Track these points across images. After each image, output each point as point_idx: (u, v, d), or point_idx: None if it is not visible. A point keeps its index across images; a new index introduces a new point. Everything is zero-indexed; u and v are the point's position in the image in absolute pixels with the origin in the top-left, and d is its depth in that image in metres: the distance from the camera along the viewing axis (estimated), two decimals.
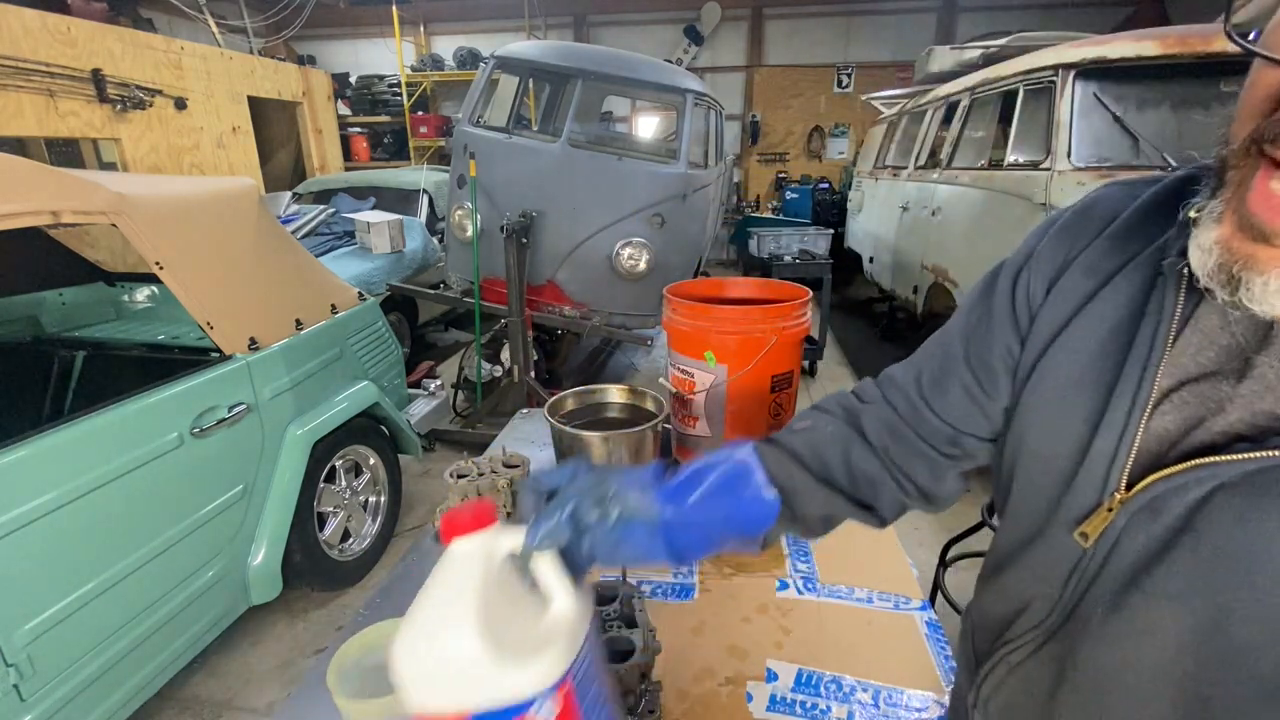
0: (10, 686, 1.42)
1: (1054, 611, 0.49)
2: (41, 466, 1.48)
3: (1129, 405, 0.44)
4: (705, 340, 1.31)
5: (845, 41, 9.99)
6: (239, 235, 2.16)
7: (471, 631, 0.46)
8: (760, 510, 0.58)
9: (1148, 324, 0.45)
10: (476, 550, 0.50)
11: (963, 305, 0.61)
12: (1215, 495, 0.39)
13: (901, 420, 0.61)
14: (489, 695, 0.45)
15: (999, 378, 0.56)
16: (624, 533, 0.54)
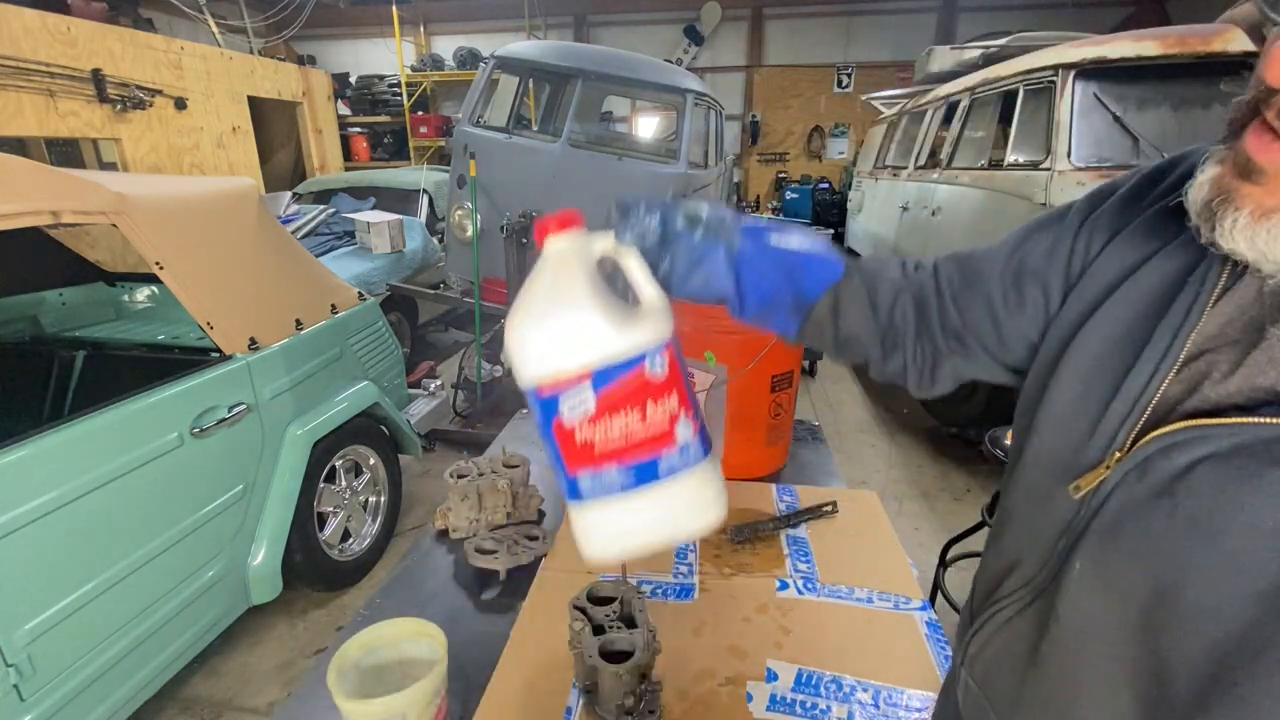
0: (10, 686, 1.42)
1: (1043, 569, 0.51)
2: (41, 466, 1.48)
3: (1152, 369, 0.45)
4: (705, 340, 1.31)
5: (845, 41, 10.00)
6: (239, 235, 2.16)
7: (585, 298, 0.51)
8: (825, 270, 0.61)
9: (1187, 293, 0.45)
10: (571, 245, 0.54)
11: (1029, 224, 0.61)
12: (1199, 465, 0.40)
13: (935, 293, 0.63)
14: (608, 352, 0.50)
15: (1029, 303, 0.57)
16: (705, 251, 0.57)
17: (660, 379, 0.52)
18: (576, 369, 0.50)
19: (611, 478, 0.52)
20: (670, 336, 0.54)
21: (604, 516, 0.53)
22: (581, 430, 0.52)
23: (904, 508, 3.26)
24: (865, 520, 1.27)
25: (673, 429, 0.52)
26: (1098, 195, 0.56)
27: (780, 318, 0.62)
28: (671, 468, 0.52)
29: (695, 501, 0.54)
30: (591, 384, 0.51)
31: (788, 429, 1.45)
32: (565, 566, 1.13)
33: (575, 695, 0.87)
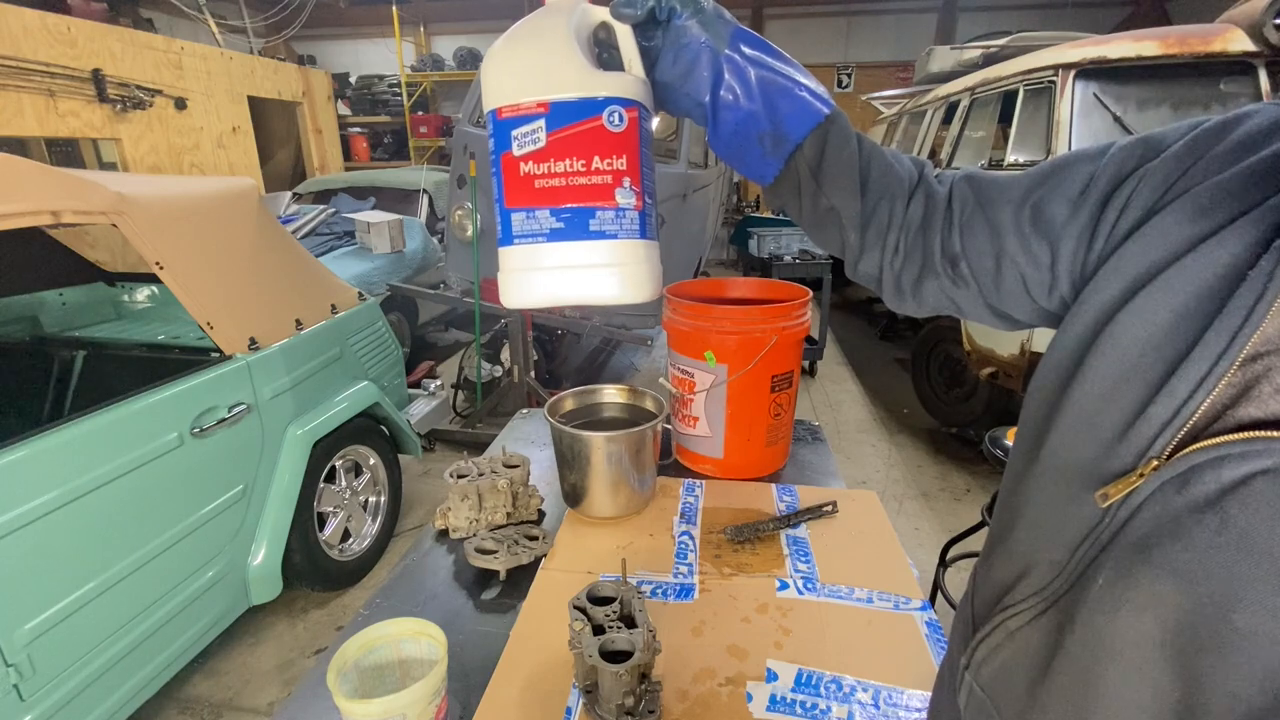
0: (10, 686, 1.42)
1: (1059, 576, 0.47)
2: (41, 466, 1.48)
3: (1202, 373, 0.41)
4: (705, 340, 1.31)
5: (845, 41, 10.00)
6: (239, 235, 2.16)
7: (564, 38, 0.52)
8: (809, 109, 0.56)
9: (1248, 288, 0.40)
10: (570, 3, 0.55)
11: (1062, 157, 0.55)
12: (1255, 479, 0.37)
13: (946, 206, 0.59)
14: (570, 89, 0.51)
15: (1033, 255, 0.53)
16: (690, 39, 0.55)
17: (615, 134, 0.52)
18: (535, 99, 0.51)
19: (542, 220, 0.52)
20: (639, 103, 0.54)
21: (527, 260, 0.53)
22: (526, 164, 0.52)
23: (904, 508, 3.26)
24: (865, 520, 1.27)
25: (614, 188, 0.52)
26: (1139, 147, 0.49)
27: (756, 155, 0.58)
28: (603, 228, 0.53)
29: (620, 270, 0.54)
30: (546, 118, 0.51)
31: (788, 429, 1.45)
32: (565, 566, 1.13)
33: (575, 695, 0.87)
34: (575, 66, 0.51)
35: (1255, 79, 2.68)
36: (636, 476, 1.23)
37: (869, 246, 0.61)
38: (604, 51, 0.57)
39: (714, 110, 0.56)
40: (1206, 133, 0.47)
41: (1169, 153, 0.47)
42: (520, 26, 0.55)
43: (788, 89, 0.56)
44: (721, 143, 0.58)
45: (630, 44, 0.56)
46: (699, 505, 1.31)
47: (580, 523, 1.26)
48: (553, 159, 0.52)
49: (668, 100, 0.59)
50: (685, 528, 1.23)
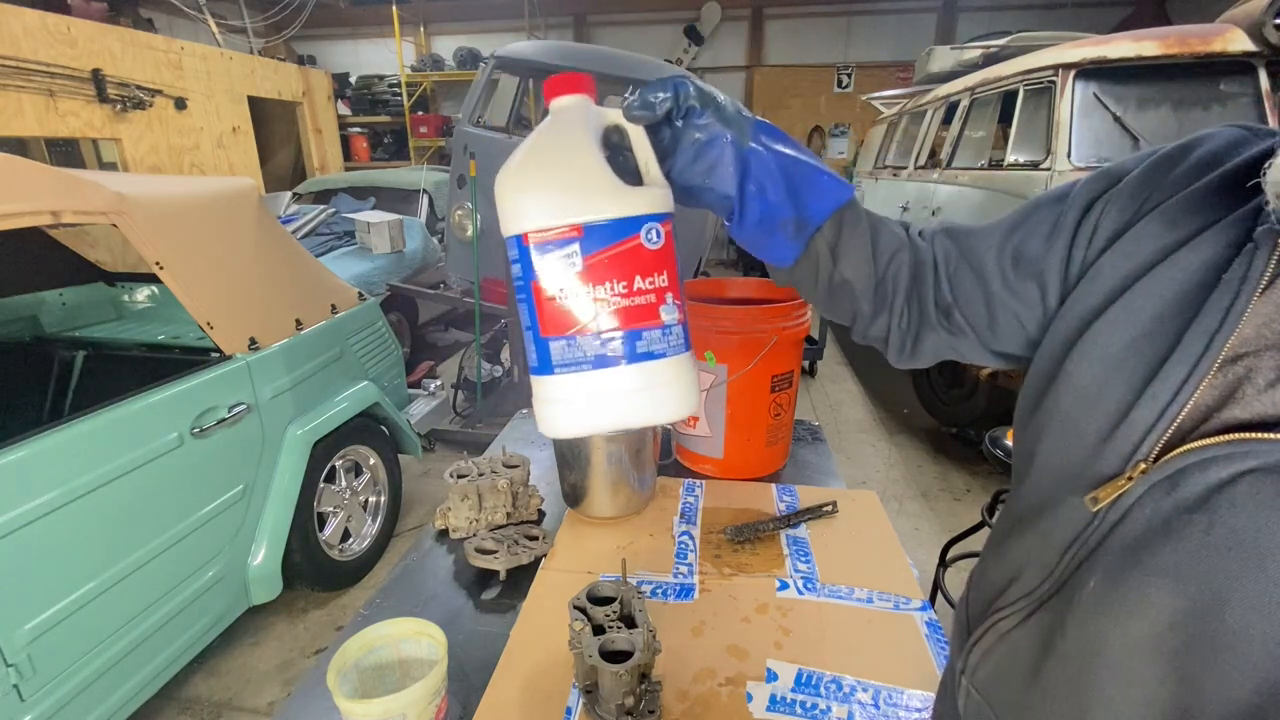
0: (10, 686, 1.42)
1: (1048, 579, 0.48)
2: (41, 466, 1.48)
3: (1183, 376, 0.42)
4: (705, 340, 1.31)
5: (845, 41, 10.00)
6: (239, 235, 2.16)
7: (590, 150, 0.49)
8: (834, 191, 0.57)
9: (1222, 292, 0.42)
10: (580, 108, 0.52)
11: (1029, 203, 0.58)
12: (1242, 479, 0.38)
13: (930, 263, 0.61)
14: (605, 210, 0.48)
15: (1023, 292, 0.55)
16: (713, 136, 0.54)
17: (654, 251, 0.50)
18: (569, 222, 0.48)
19: (586, 348, 0.49)
20: (670, 213, 0.52)
21: (573, 390, 0.50)
22: (563, 292, 0.49)
23: (904, 508, 3.26)
24: (865, 520, 1.27)
25: (659, 307, 0.50)
26: (1102, 179, 0.53)
27: (779, 241, 0.58)
28: (651, 348, 0.50)
29: (669, 390, 0.52)
30: (581, 241, 0.48)
31: (788, 429, 1.45)
32: (565, 566, 1.13)
33: (575, 695, 0.87)
34: (607, 184, 0.49)
35: (1255, 79, 2.68)
36: (636, 476, 1.23)
37: (878, 311, 0.62)
38: (616, 155, 0.54)
39: (741, 204, 0.56)
40: (1167, 156, 0.49)
41: (1132, 177, 0.50)
42: (537, 140, 0.52)
43: (810, 176, 0.57)
44: (746, 232, 0.58)
45: (646, 146, 0.54)
46: (699, 505, 1.31)
47: (580, 523, 1.26)
48: (593, 280, 0.48)
49: (688, 196, 0.57)
50: (685, 528, 1.23)
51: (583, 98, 0.53)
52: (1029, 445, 0.54)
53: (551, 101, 0.53)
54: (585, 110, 0.53)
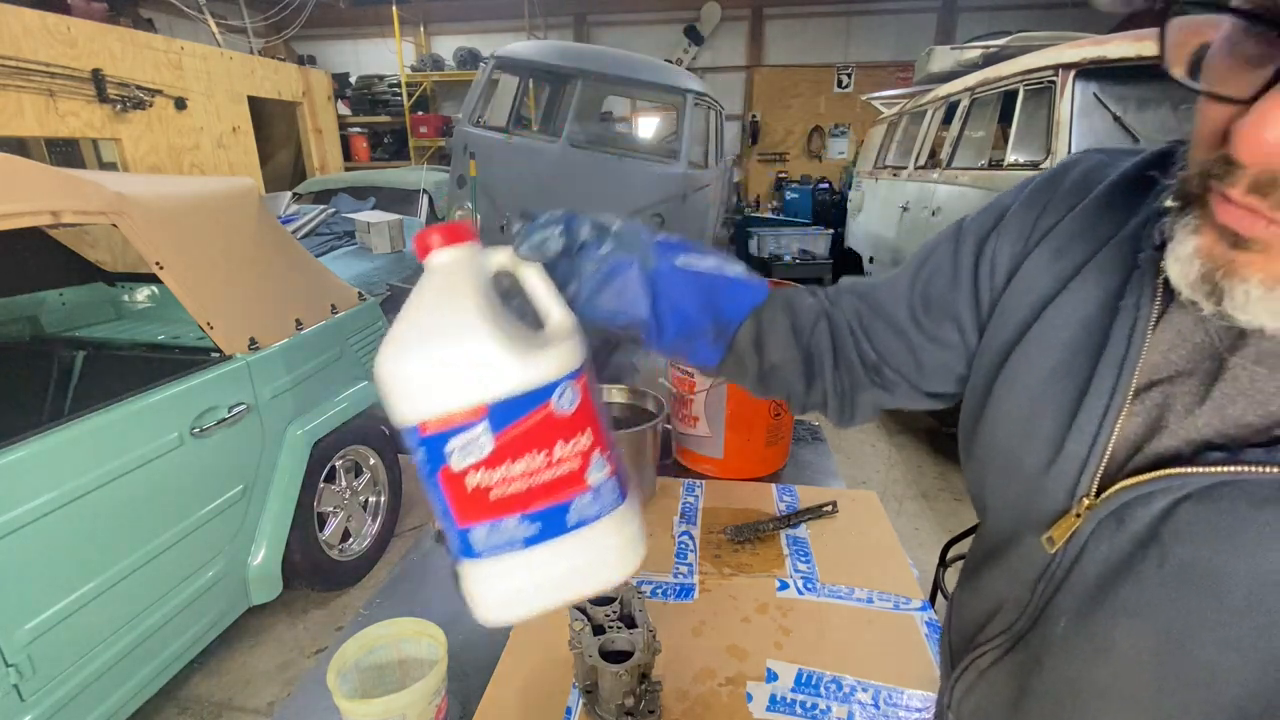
0: (10, 686, 1.42)
1: (1022, 615, 0.48)
2: (41, 466, 1.48)
3: (1103, 407, 0.43)
4: None
5: (845, 41, 10.00)
6: (239, 235, 2.16)
7: (477, 319, 0.43)
8: (748, 293, 0.57)
9: (1123, 319, 0.43)
10: (462, 260, 0.46)
11: (924, 248, 0.59)
12: (1180, 505, 0.38)
13: (846, 325, 0.61)
14: (509, 384, 0.42)
15: (943, 336, 0.55)
16: (615, 267, 0.51)
17: (570, 413, 0.45)
18: (470, 405, 0.42)
19: (512, 529, 0.44)
20: (582, 364, 0.47)
21: (503, 574, 0.45)
22: (475, 476, 0.43)
23: (904, 508, 3.26)
24: (865, 520, 1.27)
25: (584, 471, 0.45)
26: (989, 216, 0.54)
27: (701, 347, 0.57)
28: (583, 515, 0.45)
29: (610, 552, 0.47)
30: (488, 422, 0.43)
31: (788, 429, 1.45)
32: None
33: (575, 695, 0.87)
34: (506, 354, 0.42)
35: None
36: (636, 476, 1.23)
37: (811, 384, 0.62)
38: (511, 299, 0.49)
39: (658, 323, 0.54)
40: (1040, 185, 0.51)
41: (1014, 209, 0.51)
42: (417, 309, 0.45)
43: (723, 283, 0.56)
44: (665, 348, 0.56)
45: (544, 287, 0.49)
46: (699, 505, 1.31)
47: None
48: (507, 461, 0.43)
49: (597, 325, 0.54)
50: (685, 527, 1.23)
51: (464, 248, 0.47)
52: (978, 480, 0.54)
53: (427, 258, 0.46)
54: (469, 263, 0.46)
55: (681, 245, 0.56)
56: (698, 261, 0.55)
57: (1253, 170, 0.30)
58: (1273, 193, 0.30)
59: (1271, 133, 0.28)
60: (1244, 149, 0.29)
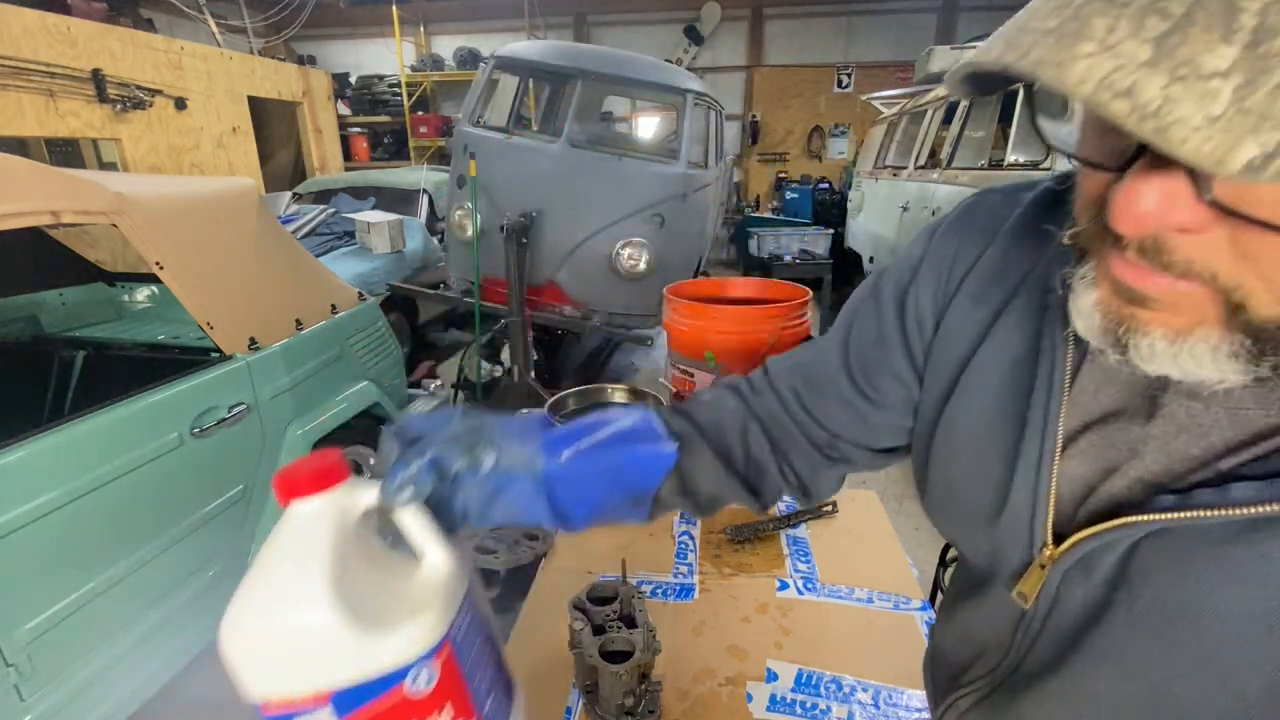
0: (10, 686, 1.42)
1: (1003, 662, 0.48)
2: (41, 466, 1.48)
3: (1037, 455, 0.43)
4: (705, 340, 1.32)
5: (845, 41, 10.00)
6: (239, 235, 2.16)
7: (322, 597, 0.38)
8: (656, 462, 0.53)
9: (1044, 363, 0.43)
10: (323, 509, 0.42)
11: (846, 312, 0.59)
12: (1142, 544, 0.37)
13: (786, 413, 0.59)
14: (351, 669, 0.39)
15: (885, 398, 0.54)
16: (500, 484, 0.48)
17: (427, 692, 0.40)
18: (311, 690, 0.39)
19: None
20: (450, 625, 0.43)
21: None
22: None
23: (904, 508, 3.25)
24: (865, 520, 1.27)
25: None
26: (904, 271, 0.54)
27: (623, 515, 0.54)
28: None
29: None
30: (332, 707, 0.39)
31: None
32: (565, 566, 1.13)
33: (575, 695, 0.87)
34: (353, 634, 0.38)
35: None
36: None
37: (762, 492, 0.60)
38: (383, 533, 0.46)
39: (564, 520, 0.51)
40: (947, 232, 0.51)
41: (926, 259, 0.52)
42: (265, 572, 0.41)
43: (629, 457, 0.52)
44: (580, 529, 0.53)
45: (417, 525, 0.45)
46: None
47: None
48: None
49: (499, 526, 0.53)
50: (685, 528, 1.23)
51: (329, 495, 0.42)
52: (937, 522, 0.54)
53: (287, 506, 0.43)
54: (331, 514, 0.42)
55: (576, 430, 0.52)
56: (596, 440, 0.51)
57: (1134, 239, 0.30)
58: (1159, 256, 0.30)
59: (1141, 207, 0.28)
60: (1119, 223, 0.29)
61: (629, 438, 0.53)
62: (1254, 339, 0.30)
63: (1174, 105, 0.21)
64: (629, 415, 0.54)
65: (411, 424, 0.49)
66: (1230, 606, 0.34)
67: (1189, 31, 0.21)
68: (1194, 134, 0.21)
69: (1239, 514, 0.33)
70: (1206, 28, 0.21)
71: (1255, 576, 0.33)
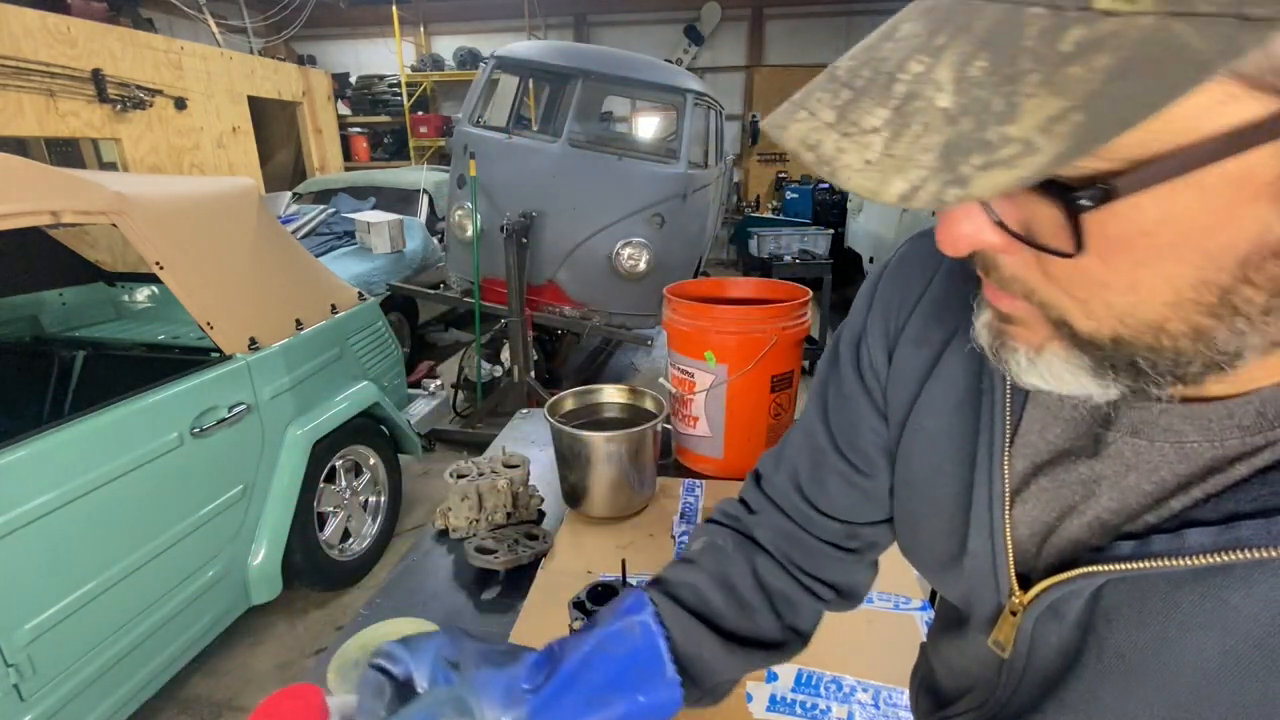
0: (10, 686, 1.42)
1: (989, 699, 0.47)
2: (41, 466, 1.48)
3: (987, 499, 0.43)
4: (705, 340, 1.31)
5: (845, 41, 9.99)
6: (239, 235, 2.16)
7: None
8: (665, 699, 0.48)
9: (985, 403, 0.43)
10: None
11: (814, 387, 0.58)
12: (1103, 590, 0.37)
13: (794, 524, 0.58)
14: None
15: (874, 458, 0.54)
16: None
17: None
18: None
19: None
20: None
21: None
22: None
23: None
24: None
25: None
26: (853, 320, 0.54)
27: None
28: None
29: None
30: None
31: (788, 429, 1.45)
32: (565, 567, 1.13)
33: None
34: None
35: None
36: (636, 476, 1.23)
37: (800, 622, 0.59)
38: None
39: None
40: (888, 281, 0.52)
41: (872, 309, 0.52)
42: None
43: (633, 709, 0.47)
44: None
45: None
46: (699, 505, 1.31)
47: (580, 523, 1.26)
48: None
49: None
50: (685, 528, 1.23)
51: None
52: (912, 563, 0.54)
53: None
54: None
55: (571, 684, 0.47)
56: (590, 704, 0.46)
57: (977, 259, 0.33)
58: (993, 273, 0.33)
59: (955, 230, 0.30)
60: (940, 244, 0.32)
61: (628, 682, 0.48)
62: (1089, 355, 0.31)
63: (841, 155, 0.26)
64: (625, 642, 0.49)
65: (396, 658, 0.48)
66: (1189, 652, 0.34)
67: (860, 101, 0.26)
68: (855, 174, 0.25)
69: (1195, 563, 0.32)
70: (872, 96, 0.26)
71: (1213, 622, 0.33)
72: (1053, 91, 0.21)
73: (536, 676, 0.47)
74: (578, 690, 0.46)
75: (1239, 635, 0.32)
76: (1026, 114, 0.22)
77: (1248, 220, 0.25)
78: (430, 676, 0.47)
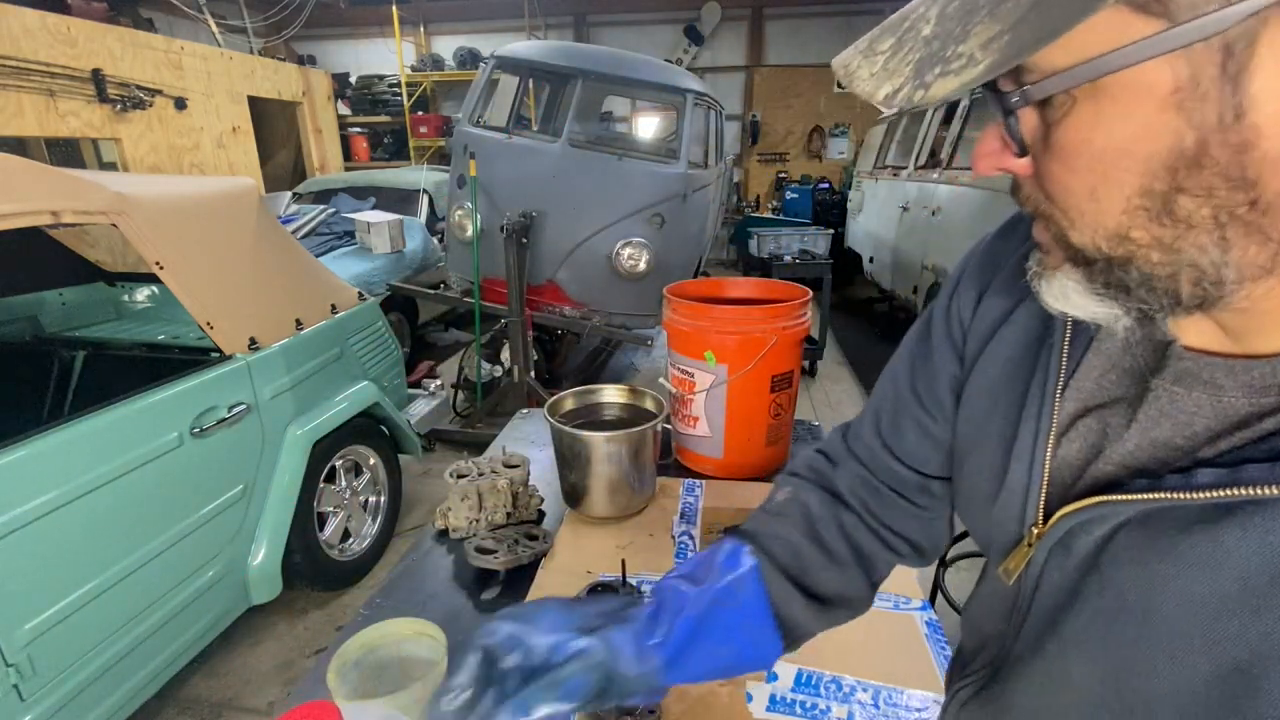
0: (10, 686, 1.42)
1: (999, 651, 0.49)
2: (41, 466, 1.48)
3: (1034, 433, 0.44)
4: (705, 340, 1.31)
5: (845, 41, 9.81)
6: (239, 235, 2.16)
7: None
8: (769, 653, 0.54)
9: (1045, 350, 0.45)
10: None
11: (905, 341, 0.61)
12: (1118, 533, 0.38)
13: (871, 474, 0.60)
14: None
15: (948, 405, 0.56)
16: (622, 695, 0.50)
17: None
18: None
19: None
20: None
21: None
22: None
23: None
24: None
25: None
26: (951, 280, 0.57)
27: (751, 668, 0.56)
28: None
29: None
30: None
31: (788, 429, 1.45)
32: (565, 567, 1.13)
33: None
34: None
35: None
36: (636, 476, 1.23)
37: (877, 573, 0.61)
38: None
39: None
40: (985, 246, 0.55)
41: (968, 270, 0.55)
42: None
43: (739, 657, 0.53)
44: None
45: None
46: (699, 505, 1.31)
47: (580, 523, 1.26)
48: None
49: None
50: (685, 528, 1.23)
51: None
52: (957, 505, 0.56)
53: None
54: None
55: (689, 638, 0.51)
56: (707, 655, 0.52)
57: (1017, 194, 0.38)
58: (1019, 191, 0.38)
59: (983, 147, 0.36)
60: (974, 166, 0.37)
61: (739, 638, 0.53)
62: (1084, 272, 0.35)
63: (859, 70, 0.34)
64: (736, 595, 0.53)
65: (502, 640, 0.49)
66: (1183, 594, 0.34)
67: (883, 36, 0.34)
68: (862, 82, 0.34)
69: (1201, 498, 0.33)
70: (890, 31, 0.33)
71: (1209, 562, 0.33)
72: (993, 19, 0.28)
73: (655, 632, 0.51)
74: (699, 646, 0.51)
75: (1227, 575, 0.33)
76: (973, 36, 0.28)
77: (1161, 129, 0.29)
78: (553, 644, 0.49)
